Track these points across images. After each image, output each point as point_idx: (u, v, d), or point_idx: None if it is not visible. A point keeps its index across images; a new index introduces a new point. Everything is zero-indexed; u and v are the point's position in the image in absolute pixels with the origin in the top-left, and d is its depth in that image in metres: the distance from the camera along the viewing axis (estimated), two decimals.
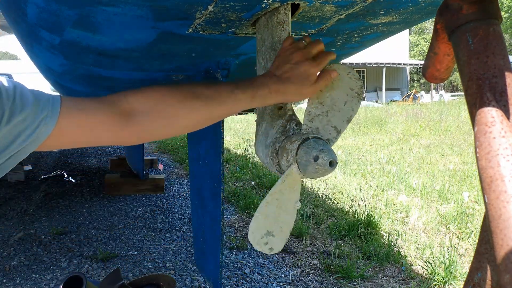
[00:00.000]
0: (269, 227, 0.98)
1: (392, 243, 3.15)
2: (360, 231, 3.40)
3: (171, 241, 3.36)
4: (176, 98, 0.86)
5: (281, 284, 2.64)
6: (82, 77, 2.11)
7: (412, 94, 26.21)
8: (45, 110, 0.75)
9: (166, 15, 1.11)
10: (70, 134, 0.78)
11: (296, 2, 1.00)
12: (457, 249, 3.04)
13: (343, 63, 1.12)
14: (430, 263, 2.75)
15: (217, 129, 1.73)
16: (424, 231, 3.49)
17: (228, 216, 3.96)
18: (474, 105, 0.50)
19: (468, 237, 3.27)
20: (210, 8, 1.02)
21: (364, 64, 26.24)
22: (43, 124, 0.74)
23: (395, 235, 3.37)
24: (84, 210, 4.11)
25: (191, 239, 3.19)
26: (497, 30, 0.52)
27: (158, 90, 0.87)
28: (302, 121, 0.97)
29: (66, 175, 5.51)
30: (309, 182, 5.03)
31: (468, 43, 0.52)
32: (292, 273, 2.80)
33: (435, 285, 2.59)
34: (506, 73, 0.49)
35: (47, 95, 0.77)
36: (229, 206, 4.30)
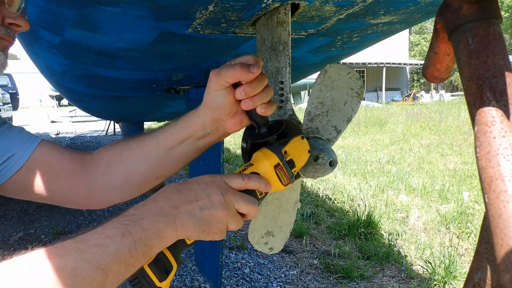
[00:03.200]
0: (269, 227, 0.98)
1: (392, 243, 3.15)
2: (360, 231, 3.39)
3: None
4: None
5: (281, 284, 2.64)
6: (82, 77, 2.10)
7: (412, 94, 26.20)
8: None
9: (166, 15, 1.11)
10: (38, 167, 0.82)
11: (296, 2, 1.00)
12: (457, 249, 3.04)
13: (343, 63, 1.12)
14: (430, 263, 2.75)
15: None
16: (424, 231, 3.49)
17: None
18: (474, 105, 0.50)
19: (468, 237, 3.27)
20: (210, 8, 1.02)
21: (364, 64, 26.23)
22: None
23: (395, 235, 3.37)
24: (84, 210, 4.11)
25: None
26: (497, 29, 0.52)
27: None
28: (302, 121, 0.97)
29: None
30: (309, 182, 5.03)
31: (468, 43, 0.52)
32: (292, 273, 2.79)
33: (435, 285, 2.59)
34: (506, 73, 0.49)
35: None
36: None
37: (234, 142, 8.64)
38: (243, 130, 0.82)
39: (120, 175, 0.84)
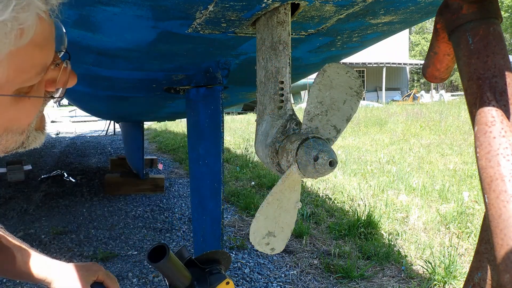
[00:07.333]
0: (270, 227, 0.98)
1: (392, 243, 3.15)
2: (360, 231, 3.39)
3: (171, 240, 3.36)
4: None
5: (281, 283, 2.64)
6: (82, 76, 2.10)
7: (412, 93, 26.20)
8: None
9: (166, 15, 1.11)
10: None
11: (296, 2, 1.00)
12: (457, 248, 3.04)
13: (343, 62, 1.12)
14: (430, 263, 2.75)
15: (217, 129, 1.73)
16: (424, 231, 3.49)
17: (228, 216, 3.96)
18: (474, 105, 0.50)
19: (468, 237, 3.27)
20: (210, 7, 1.02)
21: (364, 64, 26.22)
22: None
23: (395, 235, 3.37)
24: (84, 210, 4.11)
25: (191, 238, 3.19)
26: (497, 29, 0.52)
27: None
28: (302, 121, 0.97)
29: (66, 175, 5.51)
30: (309, 182, 5.03)
31: (468, 43, 0.52)
32: (292, 272, 2.79)
33: (435, 284, 2.59)
34: (506, 73, 0.49)
35: None
36: (229, 205, 4.30)
37: (234, 142, 8.64)
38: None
39: None
